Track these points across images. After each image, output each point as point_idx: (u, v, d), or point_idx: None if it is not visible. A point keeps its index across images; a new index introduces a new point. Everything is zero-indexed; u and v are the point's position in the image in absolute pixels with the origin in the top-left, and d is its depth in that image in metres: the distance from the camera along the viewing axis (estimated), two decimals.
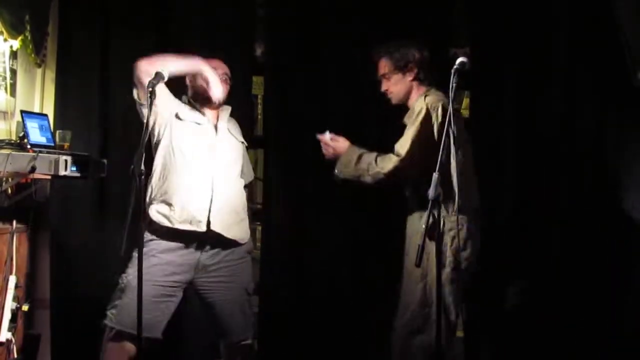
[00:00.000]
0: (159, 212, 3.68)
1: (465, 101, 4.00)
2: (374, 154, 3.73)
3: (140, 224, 3.35)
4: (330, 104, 4.63)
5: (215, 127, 3.84)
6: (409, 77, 3.76)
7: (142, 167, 3.19)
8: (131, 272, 3.58)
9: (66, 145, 4.28)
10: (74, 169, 3.97)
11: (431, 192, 3.01)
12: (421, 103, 3.63)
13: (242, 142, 3.96)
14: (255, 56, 4.85)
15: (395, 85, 3.80)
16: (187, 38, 4.68)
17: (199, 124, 3.82)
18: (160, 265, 3.62)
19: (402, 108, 3.84)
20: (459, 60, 3.15)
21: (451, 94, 3.09)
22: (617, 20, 4.20)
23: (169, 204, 3.68)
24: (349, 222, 4.58)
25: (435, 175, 3.02)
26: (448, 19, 4.64)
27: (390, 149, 3.72)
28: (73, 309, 4.57)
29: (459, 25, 4.63)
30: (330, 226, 4.50)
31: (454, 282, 3.60)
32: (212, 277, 3.75)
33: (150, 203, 3.71)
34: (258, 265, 4.68)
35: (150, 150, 3.77)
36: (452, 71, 3.12)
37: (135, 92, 3.75)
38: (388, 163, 3.65)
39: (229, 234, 3.73)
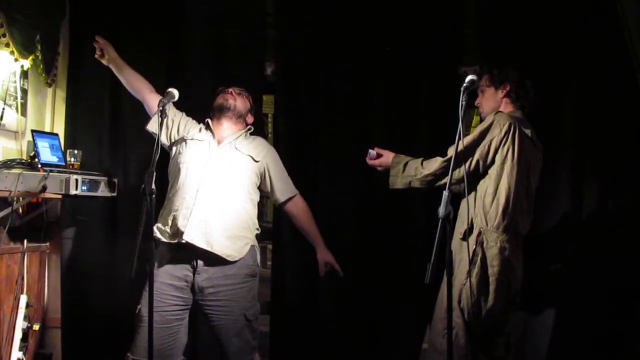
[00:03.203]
0: (158, 229, 3.78)
1: (476, 119, 4.03)
2: (420, 159, 3.78)
3: (151, 244, 3.41)
4: (339, 122, 4.65)
5: (219, 142, 3.92)
6: (501, 94, 3.82)
7: (153, 186, 3.23)
8: (142, 301, 3.67)
9: (77, 164, 4.33)
10: (84, 188, 4.03)
11: (441, 210, 3.04)
12: (491, 117, 3.69)
13: (254, 159, 3.97)
14: (266, 75, 4.89)
15: (487, 100, 3.87)
16: (199, 57, 4.74)
17: (200, 140, 3.92)
18: (161, 290, 3.68)
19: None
20: (468, 78, 3.21)
21: (460, 112, 3.13)
22: (624, 31, 4.22)
23: (166, 219, 3.78)
24: (361, 240, 4.59)
25: (445, 193, 3.06)
26: (458, 37, 4.66)
27: None
28: (84, 329, 4.61)
29: (470, 44, 4.65)
30: (343, 244, 4.52)
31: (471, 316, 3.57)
32: (209, 300, 3.78)
33: (157, 222, 3.80)
34: (268, 284, 4.71)
35: (162, 169, 3.84)
36: (462, 89, 3.18)
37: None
38: (434, 164, 3.69)
39: (208, 246, 3.72)
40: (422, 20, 4.64)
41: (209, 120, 3.99)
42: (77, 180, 3.96)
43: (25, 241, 4.23)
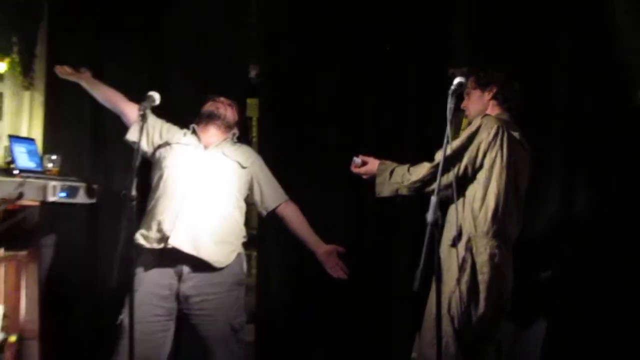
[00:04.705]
0: (141, 235, 3.77)
1: (465, 122, 4.03)
2: (406, 165, 3.77)
3: (132, 253, 3.40)
4: (326, 126, 4.65)
5: (205, 147, 3.92)
6: (488, 96, 3.82)
7: (134, 192, 3.22)
8: (125, 311, 3.63)
9: (55, 170, 4.31)
10: (63, 194, 4.01)
11: (429, 216, 3.02)
12: (479, 120, 3.68)
13: (242, 166, 3.97)
14: (250, 78, 4.88)
15: (473, 103, 3.86)
16: (181, 60, 4.73)
17: (186, 144, 3.92)
18: (145, 300, 3.66)
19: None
20: (456, 80, 3.18)
21: (449, 116, 3.10)
22: (617, 39, 4.25)
23: (149, 225, 3.77)
24: (347, 248, 4.57)
25: (433, 199, 3.04)
26: (448, 38, 4.68)
27: None
28: (63, 340, 4.57)
29: (458, 44, 4.67)
30: None
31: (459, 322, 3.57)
32: (194, 309, 3.76)
33: (140, 228, 3.79)
34: (253, 293, 4.70)
35: (143, 175, 3.83)
36: (450, 92, 3.15)
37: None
38: (421, 170, 3.68)
39: (195, 251, 3.71)
40: (411, 21, 4.66)
41: (195, 126, 4.00)
42: (55, 186, 3.94)
43: (2, 250, 4.19)
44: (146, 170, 3.99)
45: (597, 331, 4.21)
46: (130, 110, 4.01)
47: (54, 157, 4.36)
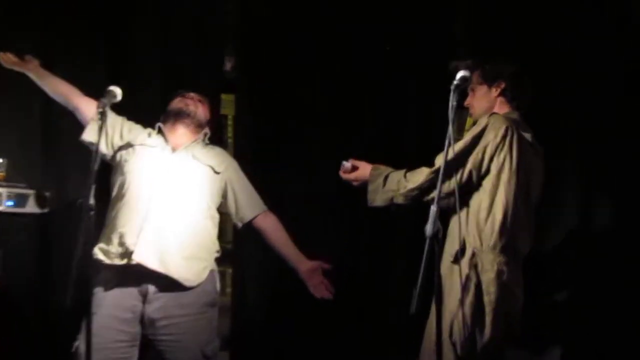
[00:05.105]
0: (100, 249, 3.73)
1: (469, 121, 4.03)
2: (403, 171, 3.74)
3: (90, 270, 3.36)
4: (310, 126, 4.65)
5: (173, 149, 3.90)
6: (495, 93, 3.81)
7: (92, 200, 3.19)
8: (81, 336, 3.58)
9: (1, 175, 4.28)
10: (10, 203, 3.98)
11: (428, 228, 3.00)
12: (485, 119, 3.66)
13: (215, 171, 3.96)
14: (225, 71, 4.87)
15: (478, 100, 3.85)
16: (145, 50, 4.71)
17: (151, 146, 3.89)
18: (105, 323, 3.61)
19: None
20: (460, 74, 3.14)
21: (451, 114, 3.07)
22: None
23: (110, 238, 3.73)
24: (334, 264, 4.56)
25: (433, 209, 3.02)
26: (446, 38, 4.70)
27: None
28: None
29: (458, 45, 4.70)
30: None
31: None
32: (161, 334, 3.72)
33: (99, 242, 3.74)
34: (228, 315, 4.68)
35: (102, 181, 3.79)
36: (452, 87, 3.13)
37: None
38: (419, 176, 3.65)
39: (162, 267, 3.68)
40: (411, 21, 4.70)
41: (161, 125, 3.97)
42: (0, 194, 3.92)
43: None
44: (106, 176, 3.95)
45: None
46: (86, 106, 3.98)
47: None
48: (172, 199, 3.78)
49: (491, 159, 3.56)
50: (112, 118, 3.94)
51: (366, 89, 4.71)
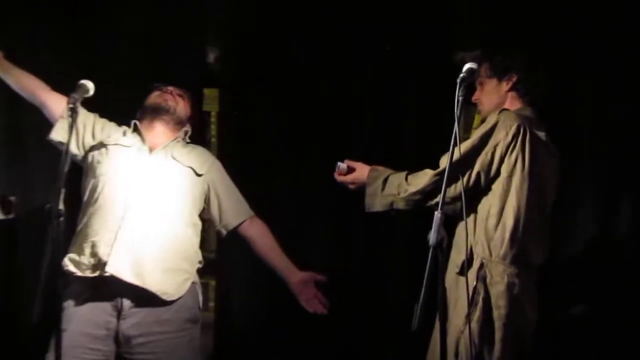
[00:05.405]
0: (70, 260, 3.72)
1: (477, 118, 4.03)
2: (404, 173, 3.72)
3: (59, 282, 3.36)
4: (301, 123, 4.66)
5: (150, 149, 3.90)
6: (506, 87, 3.80)
7: (61, 206, 3.19)
8: (49, 355, 3.57)
9: None
10: None
11: (432, 237, 2.99)
12: (495, 116, 3.66)
13: (196, 173, 3.95)
14: (208, 63, 4.88)
15: (487, 95, 3.84)
16: (120, 38, 4.71)
17: (126, 146, 3.89)
18: (76, 341, 3.61)
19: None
20: (467, 67, 3.13)
21: (457, 110, 3.06)
22: None
23: (81, 247, 3.72)
24: (327, 274, 4.58)
25: (437, 215, 3.01)
26: (446, 38, 4.73)
27: None
28: None
29: (458, 44, 4.74)
30: None
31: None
32: (137, 353, 3.72)
33: (69, 252, 3.75)
34: (211, 331, 4.69)
35: (73, 184, 3.80)
36: (458, 81, 3.11)
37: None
38: (422, 179, 3.63)
39: (138, 280, 3.67)
40: (411, 21, 4.76)
41: (137, 122, 3.97)
42: None
43: None
44: (77, 179, 3.96)
45: None
46: (54, 102, 3.97)
47: None
48: (149, 204, 3.77)
49: (501, 160, 3.56)
50: (84, 115, 3.95)
51: (366, 88, 4.72)
